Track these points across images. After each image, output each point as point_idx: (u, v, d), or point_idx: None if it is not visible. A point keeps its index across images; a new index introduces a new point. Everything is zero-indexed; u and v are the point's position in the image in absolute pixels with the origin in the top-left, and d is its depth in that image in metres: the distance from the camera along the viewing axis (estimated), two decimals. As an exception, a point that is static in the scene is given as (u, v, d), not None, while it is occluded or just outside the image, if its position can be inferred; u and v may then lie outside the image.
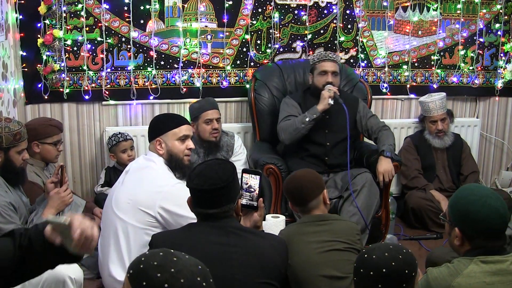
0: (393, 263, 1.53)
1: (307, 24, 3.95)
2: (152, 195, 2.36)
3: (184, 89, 3.82)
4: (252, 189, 2.15)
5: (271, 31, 3.89)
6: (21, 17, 3.40)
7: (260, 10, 3.85)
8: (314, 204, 2.29)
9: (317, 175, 2.38)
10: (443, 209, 3.70)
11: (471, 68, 4.34)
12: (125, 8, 3.61)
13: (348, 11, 4.01)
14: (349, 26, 4.04)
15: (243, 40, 3.88)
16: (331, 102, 3.28)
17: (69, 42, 3.54)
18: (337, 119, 3.37)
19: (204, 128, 3.46)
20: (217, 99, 3.64)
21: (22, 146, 2.53)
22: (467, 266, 1.77)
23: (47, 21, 3.47)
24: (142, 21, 3.66)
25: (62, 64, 3.56)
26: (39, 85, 3.54)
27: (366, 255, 1.59)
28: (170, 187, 2.38)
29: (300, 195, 2.30)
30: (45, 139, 3.10)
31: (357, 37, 4.06)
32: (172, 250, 1.19)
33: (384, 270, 1.53)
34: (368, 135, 3.53)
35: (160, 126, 2.55)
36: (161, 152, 2.51)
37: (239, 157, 3.63)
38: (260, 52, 3.93)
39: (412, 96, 4.28)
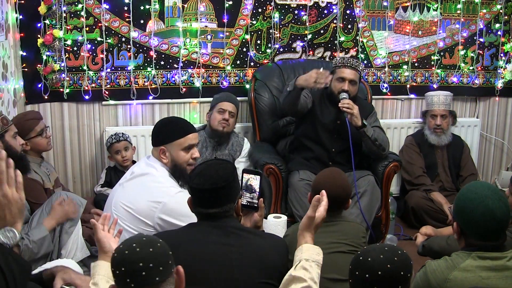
0: (389, 266, 1.52)
1: (307, 24, 3.94)
2: (151, 206, 2.34)
3: (184, 89, 3.82)
4: (252, 189, 2.15)
5: (271, 31, 3.89)
6: (21, 17, 3.40)
7: (260, 10, 3.85)
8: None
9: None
10: (446, 211, 3.69)
11: (471, 68, 4.34)
12: (125, 8, 3.60)
13: (348, 11, 4.01)
14: (349, 26, 4.04)
15: (243, 40, 3.87)
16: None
17: (69, 42, 3.54)
18: (347, 127, 3.32)
19: (215, 116, 3.50)
20: (217, 99, 3.65)
21: (13, 129, 2.54)
22: (464, 260, 1.78)
23: (47, 21, 3.46)
24: (142, 21, 3.66)
25: (62, 64, 3.56)
26: (39, 85, 3.54)
27: (361, 258, 1.58)
28: (169, 197, 2.34)
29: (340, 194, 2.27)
30: (29, 134, 3.04)
31: (357, 37, 4.06)
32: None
33: (379, 273, 1.52)
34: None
35: (165, 134, 2.48)
36: (165, 161, 2.47)
37: (246, 159, 3.63)
38: (260, 52, 3.93)
39: (412, 96, 4.28)
